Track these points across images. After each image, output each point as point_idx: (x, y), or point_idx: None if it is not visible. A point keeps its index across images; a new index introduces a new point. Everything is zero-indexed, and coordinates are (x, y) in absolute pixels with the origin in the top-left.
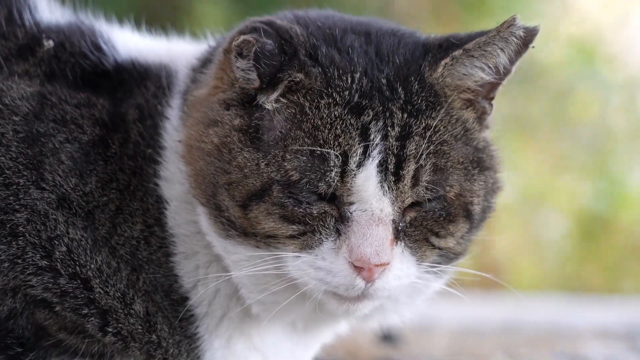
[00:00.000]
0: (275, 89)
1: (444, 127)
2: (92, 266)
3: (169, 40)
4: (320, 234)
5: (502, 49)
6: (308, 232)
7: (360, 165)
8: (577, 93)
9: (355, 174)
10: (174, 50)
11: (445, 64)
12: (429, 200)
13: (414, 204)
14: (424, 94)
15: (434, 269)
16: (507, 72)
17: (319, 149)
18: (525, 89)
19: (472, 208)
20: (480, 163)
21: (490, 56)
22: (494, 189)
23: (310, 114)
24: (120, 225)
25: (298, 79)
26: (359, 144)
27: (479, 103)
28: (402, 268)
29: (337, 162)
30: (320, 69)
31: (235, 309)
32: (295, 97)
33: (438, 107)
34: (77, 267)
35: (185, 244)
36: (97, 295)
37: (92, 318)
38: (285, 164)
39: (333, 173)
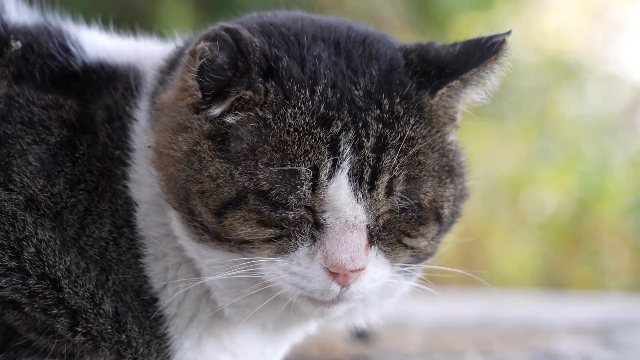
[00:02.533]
0: (223, 103)
1: (422, 138)
2: (61, 267)
3: (136, 40)
4: (296, 239)
5: (494, 72)
6: (284, 236)
7: (330, 176)
8: (551, 90)
9: (326, 186)
10: (141, 51)
11: (442, 94)
12: (404, 208)
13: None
14: (406, 107)
15: (405, 269)
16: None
17: (289, 164)
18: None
19: (442, 212)
20: (451, 170)
21: (486, 82)
22: (462, 195)
23: (275, 127)
24: (88, 226)
25: (247, 97)
26: (328, 157)
27: (458, 112)
28: (376, 271)
29: (308, 176)
30: (277, 84)
31: (205, 310)
32: (253, 112)
33: (420, 121)
34: (46, 268)
35: (155, 245)
36: (66, 295)
37: (62, 318)
38: (257, 172)
39: (304, 187)
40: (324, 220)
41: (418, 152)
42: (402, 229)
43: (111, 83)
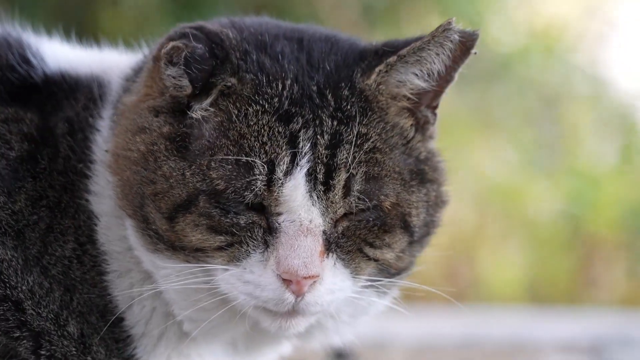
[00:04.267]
0: (209, 95)
1: (377, 135)
2: (24, 287)
3: (101, 51)
4: (248, 245)
5: (437, 55)
6: (235, 243)
7: (287, 174)
8: (541, 85)
9: (282, 183)
10: (106, 61)
11: (379, 71)
12: (362, 210)
13: (347, 214)
14: (354, 101)
15: (373, 284)
16: (447, 79)
17: (244, 157)
18: (487, 83)
19: (410, 220)
20: (421, 174)
21: (426, 62)
22: (438, 202)
23: (237, 121)
24: (51, 244)
25: (230, 84)
26: (286, 152)
27: (420, 112)
28: (334, 281)
29: (263, 170)
30: (251, 75)
31: (173, 328)
32: (225, 104)
33: (370, 114)
34: (8, 289)
35: (118, 261)
36: (29, 317)
37: (25, 341)
38: (211, 172)
39: (259, 182)
40: (279, 224)
41: (374, 149)
42: (362, 237)
43: (72, 94)
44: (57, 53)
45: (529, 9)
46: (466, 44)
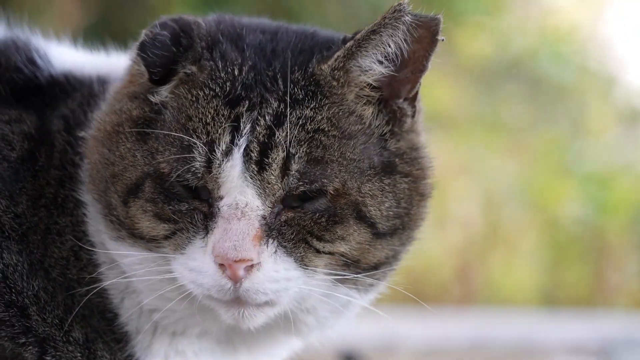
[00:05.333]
0: (170, 81)
1: (327, 119)
2: (29, 293)
3: (108, 55)
4: (189, 231)
5: (390, 36)
6: (178, 230)
7: (226, 154)
8: (551, 85)
9: (220, 164)
10: (113, 63)
11: (338, 56)
12: (304, 194)
13: (294, 205)
14: (304, 85)
15: (348, 280)
16: (420, 68)
17: (187, 138)
18: (497, 84)
19: (366, 209)
20: (387, 165)
21: (381, 45)
22: (412, 195)
23: (188, 106)
24: (49, 246)
25: (191, 71)
26: (226, 132)
27: (395, 104)
28: (277, 269)
29: (202, 151)
30: (210, 62)
31: (162, 323)
32: (182, 91)
33: (320, 98)
34: (14, 295)
35: (104, 252)
36: (34, 323)
37: (30, 347)
38: (158, 155)
39: (198, 163)
40: (219, 209)
41: (319, 131)
42: (308, 229)
43: (72, 94)
44: (64, 56)
45: (539, 8)
46: (430, 30)
